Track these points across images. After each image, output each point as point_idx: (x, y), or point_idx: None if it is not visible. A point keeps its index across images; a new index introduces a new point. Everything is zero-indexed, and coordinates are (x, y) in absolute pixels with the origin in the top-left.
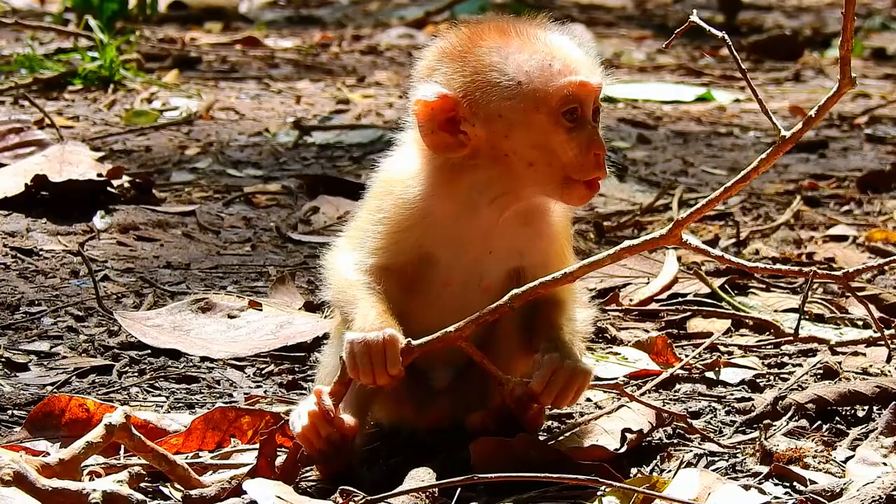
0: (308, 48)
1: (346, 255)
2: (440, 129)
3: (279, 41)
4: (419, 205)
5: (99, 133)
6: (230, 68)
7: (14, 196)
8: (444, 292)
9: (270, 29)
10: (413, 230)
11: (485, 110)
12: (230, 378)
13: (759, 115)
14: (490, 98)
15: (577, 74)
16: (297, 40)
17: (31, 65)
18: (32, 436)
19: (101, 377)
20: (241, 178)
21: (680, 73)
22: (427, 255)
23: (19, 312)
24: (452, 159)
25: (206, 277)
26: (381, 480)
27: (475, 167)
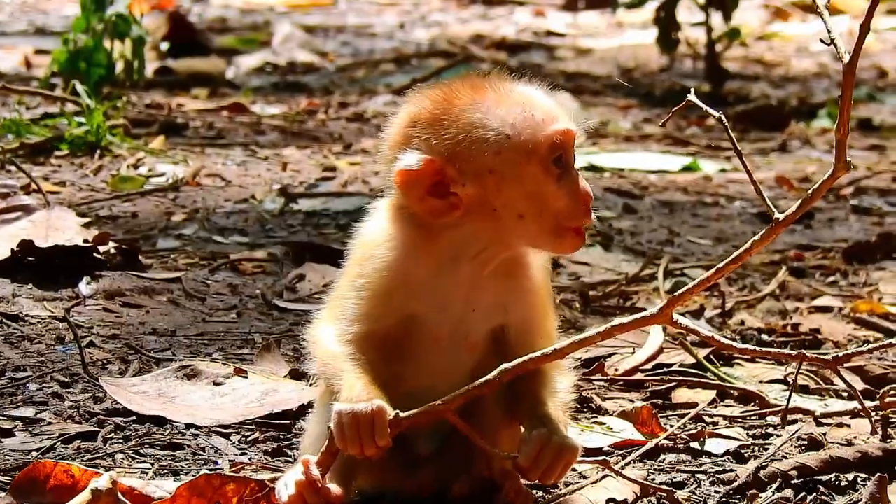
0: (294, 115)
1: (329, 326)
2: (429, 196)
3: (266, 108)
4: (400, 267)
5: (85, 199)
6: (217, 134)
7: (1, 261)
8: (432, 351)
9: (257, 95)
10: (396, 293)
11: (473, 168)
12: (215, 445)
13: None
14: (478, 155)
15: (560, 122)
16: (283, 107)
17: (17, 129)
18: (17, 501)
19: (86, 443)
20: (227, 245)
21: (666, 143)
22: (411, 316)
23: (4, 378)
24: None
25: (192, 344)
26: None
27: (457, 225)
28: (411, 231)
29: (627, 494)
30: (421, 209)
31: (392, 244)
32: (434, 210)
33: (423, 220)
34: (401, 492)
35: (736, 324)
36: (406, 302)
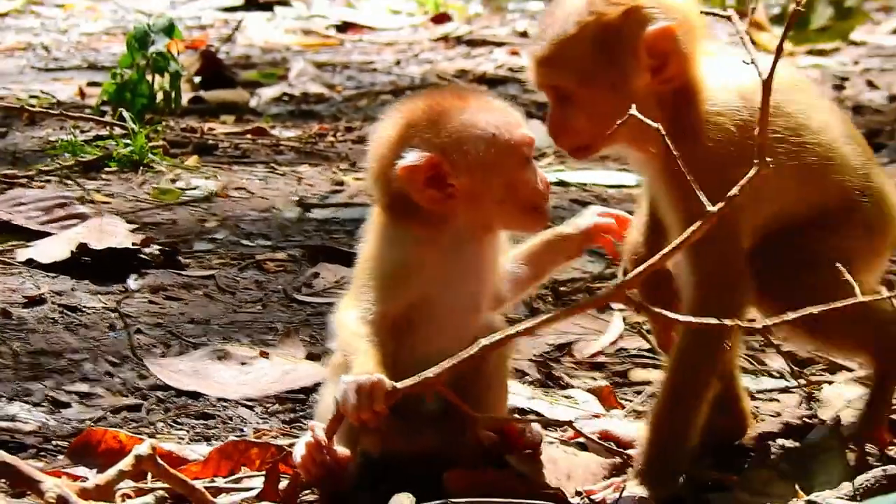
0: (308, 138)
1: (351, 309)
2: (427, 188)
3: (283, 131)
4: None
5: (132, 208)
6: (242, 154)
7: (61, 261)
8: (444, 323)
9: (276, 121)
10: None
11: (466, 161)
12: (242, 416)
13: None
14: (470, 150)
15: (524, 126)
16: (298, 131)
17: (73, 149)
18: (73, 463)
19: (132, 414)
20: (252, 247)
21: (622, 163)
22: (424, 297)
23: (64, 359)
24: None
25: (223, 331)
26: (372, 502)
27: (453, 216)
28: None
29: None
30: (422, 199)
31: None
32: (433, 199)
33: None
34: (403, 454)
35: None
36: (419, 287)
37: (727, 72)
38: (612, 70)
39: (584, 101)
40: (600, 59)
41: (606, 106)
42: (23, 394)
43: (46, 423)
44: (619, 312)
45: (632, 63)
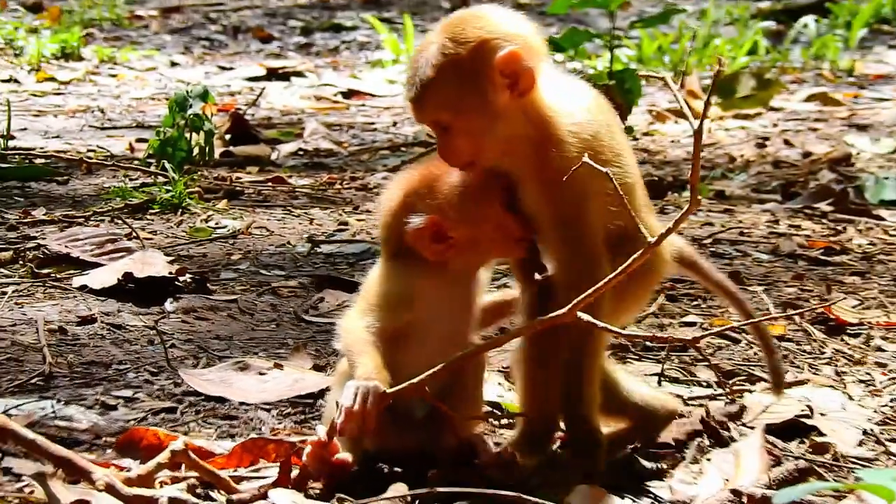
0: (318, 185)
1: (356, 320)
2: (432, 243)
3: (298, 180)
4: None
5: (170, 243)
6: (263, 199)
7: (110, 287)
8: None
9: (292, 171)
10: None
11: (459, 216)
12: (260, 417)
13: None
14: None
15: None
16: (310, 180)
17: (123, 194)
18: (119, 456)
19: (168, 415)
20: (269, 276)
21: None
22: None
23: (111, 369)
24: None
25: (244, 346)
26: (367, 491)
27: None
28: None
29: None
30: (429, 254)
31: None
32: (437, 252)
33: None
34: (397, 451)
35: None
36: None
37: (573, 93)
38: (477, 98)
39: (461, 128)
40: (464, 91)
41: (481, 127)
42: (78, 398)
43: (97, 422)
44: None
45: (490, 87)
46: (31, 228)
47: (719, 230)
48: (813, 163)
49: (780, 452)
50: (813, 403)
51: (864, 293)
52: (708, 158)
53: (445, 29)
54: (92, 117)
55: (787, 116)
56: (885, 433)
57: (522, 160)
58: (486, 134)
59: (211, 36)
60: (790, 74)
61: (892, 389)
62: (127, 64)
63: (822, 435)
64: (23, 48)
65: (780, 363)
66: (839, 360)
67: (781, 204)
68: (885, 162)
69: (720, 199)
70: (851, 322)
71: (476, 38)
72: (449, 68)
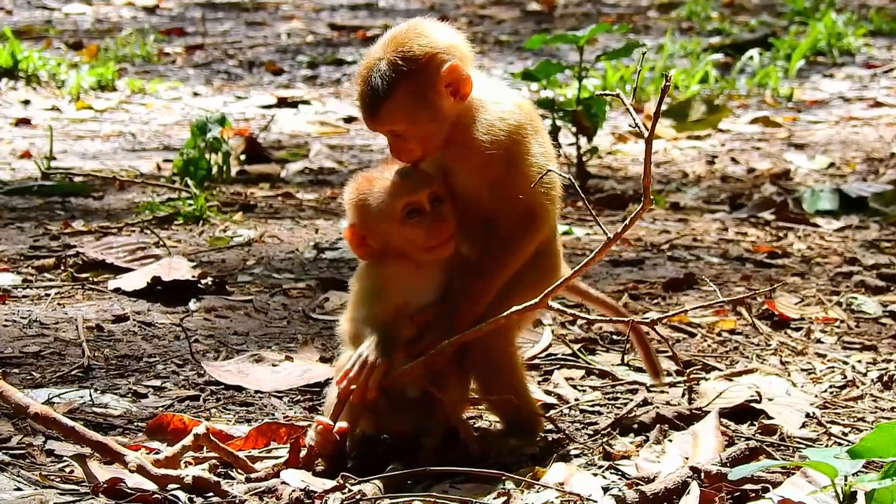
0: (323, 199)
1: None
2: (357, 246)
3: (305, 195)
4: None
5: (193, 251)
6: (274, 211)
7: (140, 289)
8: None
9: (300, 187)
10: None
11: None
12: (273, 404)
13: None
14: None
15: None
16: (316, 194)
17: (151, 208)
18: (149, 439)
19: (192, 402)
20: (280, 279)
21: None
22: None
23: (142, 361)
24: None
25: (259, 341)
26: (367, 469)
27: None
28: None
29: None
30: (357, 253)
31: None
32: (363, 254)
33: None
34: (391, 433)
35: (596, 328)
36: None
37: (502, 92)
38: (427, 108)
39: (413, 133)
40: (416, 104)
41: (429, 130)
42: (112, 387)
43: (129, 409)
44: (549, 326)
45: (437, 96)
46: (71, 238)
47: (675, 237)
48: (756, 178)
49: (733, 433)
50: (761, 389)
51: (803, 291)
52: (664, 174)
53: (391, 45)
54: (124, 141)
55: (733, 137)
56: (825, 416)
57: (458, 146)
58: (434, 135)
59: (229, 70)
60: (736, 100)
61: (831, 377)
62: (155, 94)
63: (770, 418)
64: (64, 81)
65: (655, 356)
66: (783, 351)
67: (729, 213)
68: (820, 176)
69: (675, 210)
70: (794, 317)
71: (423, 54)
72: (402, 84)
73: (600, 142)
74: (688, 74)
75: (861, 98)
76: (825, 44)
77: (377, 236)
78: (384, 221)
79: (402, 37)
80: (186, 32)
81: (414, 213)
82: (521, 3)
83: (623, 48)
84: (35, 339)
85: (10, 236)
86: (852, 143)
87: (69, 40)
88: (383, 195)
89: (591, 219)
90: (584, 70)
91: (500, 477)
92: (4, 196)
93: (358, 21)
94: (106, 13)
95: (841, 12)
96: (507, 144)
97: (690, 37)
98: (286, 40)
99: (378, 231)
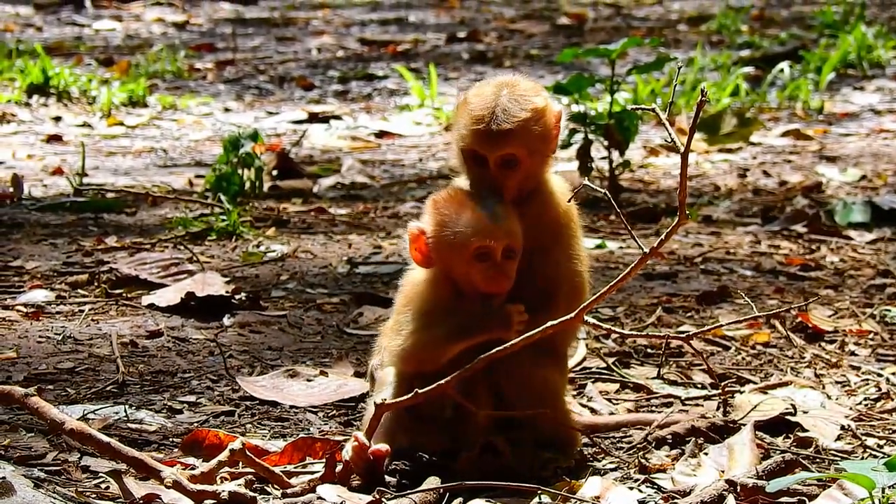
0: (355, 214)
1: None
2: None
3: (337, 210)
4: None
5: (226, 266)
6: (307, 226)
7: (174, 304)
8: None
9: (332, 202)
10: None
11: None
12: (308, 419)
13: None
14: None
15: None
16: (348, 209)
17: (184, 224)
18: (185, 455)
19: (228, 418)
20: (314, 294)
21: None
22: None
23: (177, 377)
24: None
25: (293, 356)
26: (403, 484)
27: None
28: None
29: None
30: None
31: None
32: (415, 257)
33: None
34: (428, 447)
35: (630, 342)
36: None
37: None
38: (545, 139)
39: (525, 163)
40: (539, 132)
41: (536, 165)
42: (147, 403)
43: (165, 425)
44: (583, 340)
45: (552, 134)
46: (105, 254)
47: (708, 250)
48: (788, 190)
49: (768, 446)
50: (796, 402)
51: (837, 304)
52: (696, 188)
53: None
54: (156, 157)
55: (765, 150)
56: (860, 428)
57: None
58: (536, 173)
59: (260, 85)
60: (767, 113)
61: (866, 389)
62: (186, 110)
63: (805, 430)
64: (95, 97)
65: None
66: (818, 363)
67: (762, 226)
68: (852, 189)
69: (707, 223)
70: (827, 330)
71: (540, 93)
72: (534, 115)
73: (632, 155)
74: (718, 87)
75: (892, 110)
76: (855, 56)
77: (440, 254)
78: (454, 249)
79: (515, 80)
80: (217, 48)
81: (484, 258)
82: (551, 17)
83: (655, 62)
84: (69, 355)
85: (44, 252)
86: (884, 156)
87: (100, 56)
88: (464, 225)
89: (624, 232)
90: (616, 84)
91: (536, 491)
92: (37, 212)
93: (388, 36)
94: (136, 29)
95: (871, 25)
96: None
97: (721, 50)
98: (316, 55)
99: (442, 251)
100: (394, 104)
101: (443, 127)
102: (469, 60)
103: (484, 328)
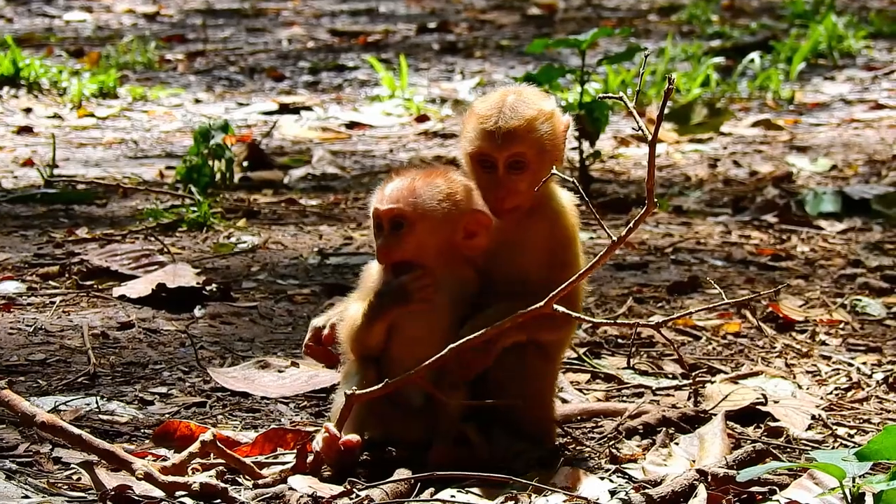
0: (326, 205)
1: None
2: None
3: (308, 201)
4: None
5: (197, 257)
6: (278, 217)
7: (145, 296)
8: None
9: (303, 193)
10: None
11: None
12: (279, 410)
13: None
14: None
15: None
16: (319, 200)
17: (155, 215)
18: (156, 446)
19: (199, 409)
20: (285, 285)
21: None
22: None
23: (148, 368)
24: None
25: (264, 347)
26: (374, 474)
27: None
28: None
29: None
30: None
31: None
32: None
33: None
34: (398, 438)
35: (601, 332)
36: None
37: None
38: (554, 139)
39: (535, 165)
40: (548, 132)
41: (544, 168)
42: (118, 395)
43: (136, 416)
44: None
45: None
46: (75, 246)
47: (679, 240)
48: (759, 180)
49: (739, 436)
50: (767, 392)
51: (808, 294)
52: (666, 178)
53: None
54: (126, 148)
55: (735, 140)
56: (831, 418)
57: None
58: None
59: (230, 76)
60: (738, 104)
61: (836, 379)
62: (157, 101)
63: (776, 420)
64: (66, 88)
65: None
66: (788, 353)
67: (732, 217)
68: (822, 179)
69: (678, 214)
70: (798, 320)
71: (548, 99)
72: (541, 111)
73: (603, 146)
74: (689, 78)
75: (862, 100)
76: (826, 46)
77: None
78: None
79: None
80: (187, 39)
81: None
82: (522, 7)
83: (625, 52)
84: (40, 346)
85: (14, 244)
86: (854, 146)
87: (70, 48)
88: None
89: (595, 223)
90: (586, 74)
91: (507, 481)
92: (8, 204)
93: (359, 27)
94: (106, 20)
95: (841, 15)
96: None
97: (691, 40)
98: (287, 46)
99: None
100: (364, 95)
101: (414, 118)
102: (439, 51)
103: (385, 303)
